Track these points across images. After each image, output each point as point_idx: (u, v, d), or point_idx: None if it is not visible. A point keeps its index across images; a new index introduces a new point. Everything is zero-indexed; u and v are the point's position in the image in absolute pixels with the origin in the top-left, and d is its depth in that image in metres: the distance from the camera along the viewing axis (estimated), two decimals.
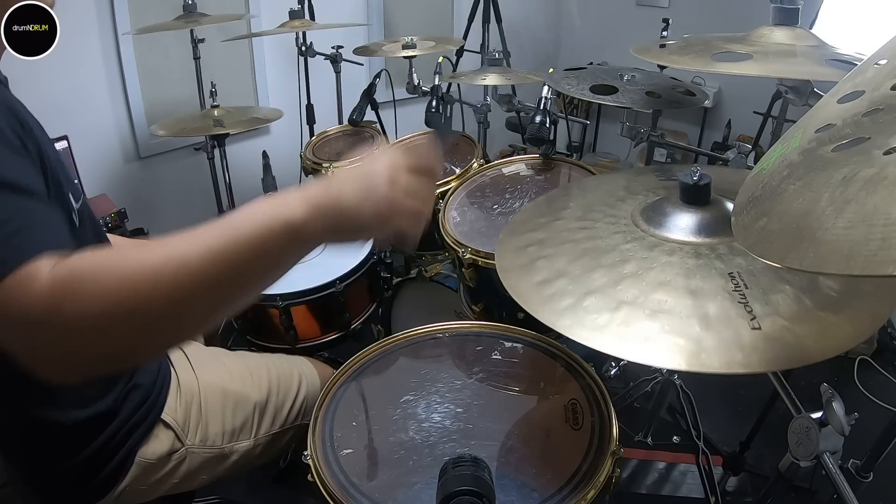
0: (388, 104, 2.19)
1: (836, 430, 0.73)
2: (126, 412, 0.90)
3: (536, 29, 3.69)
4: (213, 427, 1.02)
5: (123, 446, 0.90)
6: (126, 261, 0.54)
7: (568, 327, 0.72)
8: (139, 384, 0.92)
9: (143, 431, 0.92)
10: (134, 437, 0.91)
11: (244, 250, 0.56)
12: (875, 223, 0.37)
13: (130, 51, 2.26)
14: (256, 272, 0.58)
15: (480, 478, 0.70)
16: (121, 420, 0.89)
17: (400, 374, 1.06)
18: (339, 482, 0.84)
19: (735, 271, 0.74)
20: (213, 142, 2.12)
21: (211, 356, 1.14)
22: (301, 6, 2.24)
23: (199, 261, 0.54)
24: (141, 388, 0.92)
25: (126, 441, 0.90)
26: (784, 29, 1.07)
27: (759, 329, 0.66)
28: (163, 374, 0.98)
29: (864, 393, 2.00)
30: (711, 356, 0.64)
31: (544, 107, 1.45)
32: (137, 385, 0.92)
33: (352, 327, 1.56)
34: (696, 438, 1.55)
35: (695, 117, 3.33)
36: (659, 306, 0.71)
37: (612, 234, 0.86)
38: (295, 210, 0.58)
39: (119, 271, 0.53)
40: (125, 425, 0.90)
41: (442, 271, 1.75)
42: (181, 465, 0.98)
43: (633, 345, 0.68)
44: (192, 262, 0.54)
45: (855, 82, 0.53)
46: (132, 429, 0.91)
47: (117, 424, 0.89)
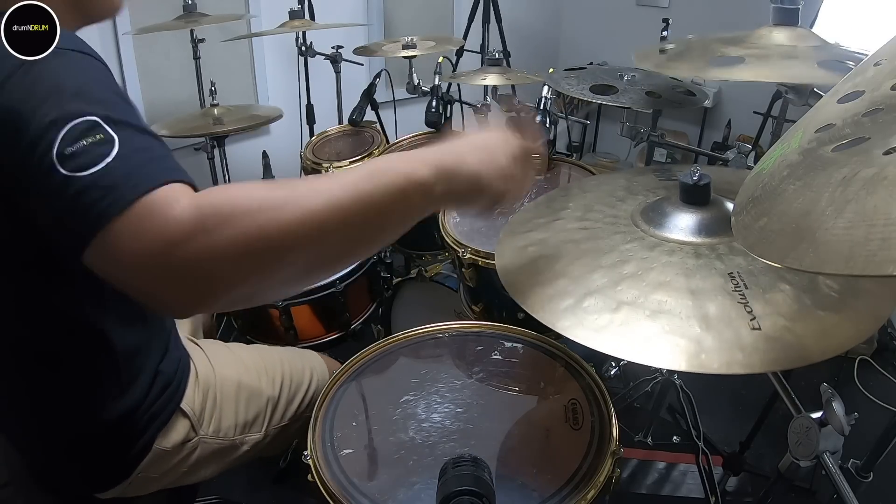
0: (388, 104, 2.19)
1: (836, 430, 0.73)
2: (150, 400, 0.90)
3: (536, 29, 3.69)
4: (227, 419, 1.03)
5: (144, 434, 0.90)
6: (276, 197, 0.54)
7: (568, 328, 0.72)
8: (163, 371, 0.93)
9: (164, 419, 0.93)
10: (155, 425, 0.91)
11: (387, 198, 0.58)
12: (875, 223, 0.37)
13: (130, 51, 2.26)
14: (393, 220, 0.62)
15: (480, 478, 0.70)
16: (144, 407, 0.89)
17: (400, 374, 1.06)
18: (339, 482, 0.84)
19: (735, 271, 0.74)
20: (213, 142, 2.12)
21: (226, 349, 1.15)
22: (301, 6, 2.24)
23: (349, 201, 0.56)
24: (164, 374, 0.93)
25: (147, 429, 0.90)
26: (784, 29, 1.07)
27: (759, 329, 0.66)
28: (183, 364, 0.99)
29: (864, 393, 2.00)
30: (712, 357, 0.64)
31: (544, 107, 1.45)
32: (161, 372, 0.92)
33: (352, 327, 1.56)
34: (696, 438, 1.55)
35: (695, 117, 3.34)
36: (659, 307, 0.71)
37: (612, 235, 0.86)
38: (423, 171, 0.61)
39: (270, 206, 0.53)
40: (148, 412, 0.90)
41: (442, 271, 1.75)
42: (192, 454, 0.98)
43: (633, 345, 0.68)
44: (343, 202, 0.55)
45: (855, 82, 0.53)
46: (153, 416, 0.91)
47: (142, 412, 0.89)
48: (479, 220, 1.36)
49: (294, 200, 0.54)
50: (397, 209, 0.60)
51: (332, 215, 0.55)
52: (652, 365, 0.68)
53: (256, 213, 0.52)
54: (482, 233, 1.36)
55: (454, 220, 1.42)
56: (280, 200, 0.54)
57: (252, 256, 0.52)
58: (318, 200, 0.55)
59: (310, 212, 0.54)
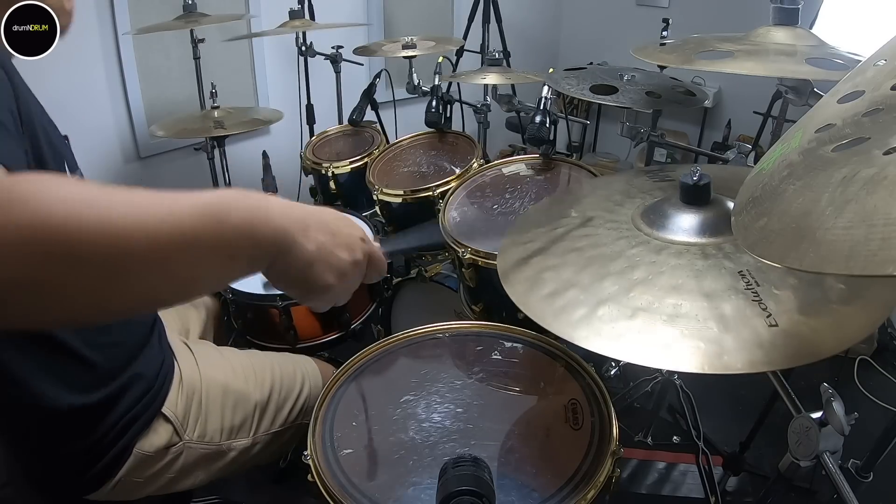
0: (388, 104, 2.19)
1: (836, 429, 0.73)
2: (127, 402, 0.90)
3: (536, 29, 3.69)
4: (212, 423, 1.02)
5: (122, 437, 0.89)
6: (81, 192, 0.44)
7: (585, 338, 0.72)
8: (142, 374, 0.92)
9: (143, 423, 0.92)
10: (133, 429, 0.91)
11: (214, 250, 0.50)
12: (875, 223, 0.37)
13: (130, 51, 2.26)
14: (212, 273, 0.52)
15: (480, 478, 0.70)
16: (121, 410, 0.89)
17: (400, 374, 1.06)
18: (339, 482, 0.84)
19: (745, 269, 0.74)
20: (213, 142, 2.12)
21: (217, 353, 1.15)
22: (301, 6, 2.25)
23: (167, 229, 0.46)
24: (143, 378, 0.92)
25: (126, 432, 0.90)
26: (783, 28, 1.07)
27: (776, 326, 0.66)
28: (166, 367, 0.98)
29: (864, 393, 2.00)
30: (734, 357, 0.64)
31: (544, 107, 1.45)
32: (140, 375, 0.92)
33: (352, 327, 1.56)
34: (696, 438, 1.55)
35: (695, 117, 3.34)
36: (675, 311, 0.71)
37: (616, 240, 0.86)
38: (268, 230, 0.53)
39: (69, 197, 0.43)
40: (126, 416, 0.89)
41: (442, 271, 1.75)
42: (178, 460, 0.98)
43: (654, 352, 0.68)
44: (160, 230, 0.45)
45: (855, 82, 0.53)
46: (132, 420, 0.91)
47: (118, 414, 0.88)
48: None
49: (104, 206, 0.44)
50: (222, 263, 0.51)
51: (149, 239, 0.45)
52: (676, 370, 0.68)
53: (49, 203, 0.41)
54: (482, 233, 1.36)
55: (454, 220, 1.42)
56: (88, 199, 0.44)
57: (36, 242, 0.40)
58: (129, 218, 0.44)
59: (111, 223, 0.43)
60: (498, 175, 1.57)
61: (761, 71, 0.95)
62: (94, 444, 0.87)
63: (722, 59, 0.99)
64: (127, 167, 2.42)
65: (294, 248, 0.56)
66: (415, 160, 1.81)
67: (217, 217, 0.49)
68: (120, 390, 0.89)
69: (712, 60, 1.00)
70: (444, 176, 1.62)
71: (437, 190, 1.56)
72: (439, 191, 1.56)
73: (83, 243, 0.42)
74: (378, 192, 1.65)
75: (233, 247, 0.51)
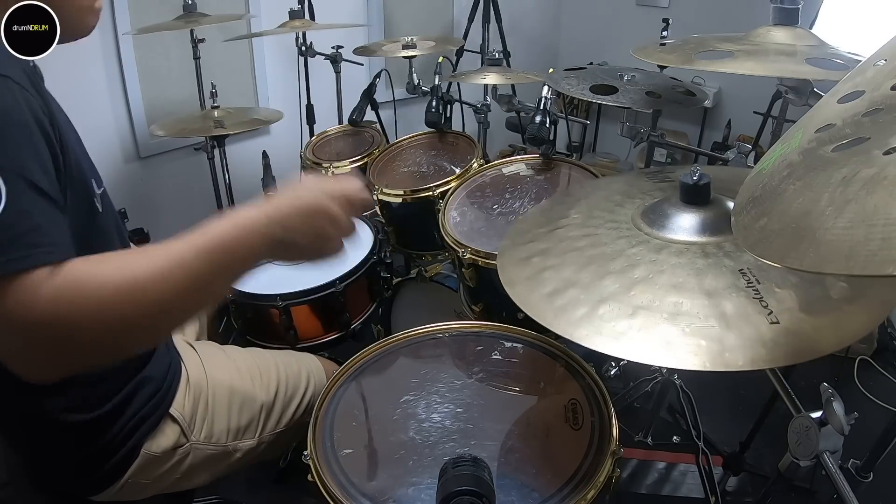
0: (388, 104, 2.18)
1: (836, 429, 0.73)
2: (136, 405, 0.90)
3: (536, 29, 3.69)
4: (219, 424, 1.02)
5: (131, 439, 0.90)
6: (121, 272, 0.61)
7: (586, 337, 0.72)
8: (151, 377, 0.92)
9: (151, 425, 0.92)
10: (142, 430, 0.91)
11: (216, 266, 0.66)
12: (875, 223, 0.37)
13: (130, 51, 2.26)
14: (226, 281, 0.71)
15: (480, 478, 0.70)
16: (130, 413, 0.89)
17: (400, 374, 1.06)
18: (339, 482, 0.84)
19: (745, 268, 0.74)
20: (213, 142, 2.12)
21: (222, 353, 1.14)
22: (301, 6, 2.24)
23: (183, 280, 0.63)
24: (152, 381, 0.92)
25: (134, 433, 0.90)
26: (782, 28, 1.07)
27: (777, 323, 0.66)
28: (173, 369, 0.98)
29: (864, 393, 2.00)
30: (736, 354, 0.65)
31: (544, 107, 1.45)
32: (149, 378, 0.92)
33: (352, 327, 1.56)
34: (696, 438, 1.55)
35: (695, 117, 3.33)
36: (676, 309, 0.71)
37: (617, 240, 0.86)
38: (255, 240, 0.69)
39: (114, 282, 0.60)
40: (134, 418, 0.90)
41: (442, 271, 1.75)
42: (184, 461, 0.98)
43: (655, 349, 0.68)
44: (178, 282, 0.63)
45: (855, 82, 0.53)
46: (140, 422, 0.91)
47: (127, 417, 0.89)
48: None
49: (136, 277, 0.61)
50: (228, 273, 0.69)
51: (168, 288, 0.63)
52: (678, 367, 0.68)
53: (102, 292, 0.59)
54: (482, 233, 1.36)
55: (454, 220, 1.42)
56: (123, 278, 0.61)
57: (101, 328, 0.59)
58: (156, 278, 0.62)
59: (149, 288, 0.62)
60: (498, 175, 1.57)
61: (761, 71, 0.95)
62: (103, 446, 0.88)
63: (722, 59, 1.00)
64: (127, 167, 2.42)
65: (282, 241, 0.72)
66: (415, 160, 1.81)
67: (219, 255, 0.67)
68: (129, 395, 0.89)
69: (712, 60, 1.00)
70: (444, 176, 1.62)
71: (437, 190, 1.56)
72: (439, 191, 1.56)
73: (129, 319, 0.61)
74: (378, 192, 1.65)
75: (236, 269, 0.70)
